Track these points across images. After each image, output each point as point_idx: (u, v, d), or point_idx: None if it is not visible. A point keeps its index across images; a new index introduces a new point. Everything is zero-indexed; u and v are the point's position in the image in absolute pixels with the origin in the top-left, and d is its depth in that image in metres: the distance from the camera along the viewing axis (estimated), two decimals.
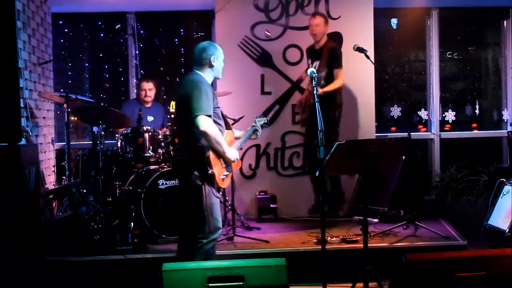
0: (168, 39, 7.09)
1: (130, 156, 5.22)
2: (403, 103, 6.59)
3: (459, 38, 7.23)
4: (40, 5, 5.90)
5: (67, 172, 5.16)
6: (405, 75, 7.32)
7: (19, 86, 3.91)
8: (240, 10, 6.10)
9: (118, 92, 7.10)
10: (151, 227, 4.90)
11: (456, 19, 7.08)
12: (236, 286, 3.12)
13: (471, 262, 3.26)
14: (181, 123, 3.93)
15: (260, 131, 4.31)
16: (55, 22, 6.50)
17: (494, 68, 7.33)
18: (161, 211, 4.93)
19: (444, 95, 7.05)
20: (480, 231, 5.21)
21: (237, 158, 3.94)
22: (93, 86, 7.24)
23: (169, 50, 7.11)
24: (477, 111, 7.23)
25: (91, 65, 7.18)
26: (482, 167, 6.54)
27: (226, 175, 3.90)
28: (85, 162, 5.37)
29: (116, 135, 5.43)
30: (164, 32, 7.02)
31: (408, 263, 3.25)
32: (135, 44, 6.71)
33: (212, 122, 3.73)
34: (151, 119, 5.86)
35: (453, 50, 7.26)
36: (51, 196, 5.26)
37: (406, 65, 7.32)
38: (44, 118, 5.90)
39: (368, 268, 3.75)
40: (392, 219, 5.47)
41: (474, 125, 7.20)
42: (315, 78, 3.92)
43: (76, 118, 5.79)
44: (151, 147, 5.21)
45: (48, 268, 4.36)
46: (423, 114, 6.93)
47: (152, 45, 6.99)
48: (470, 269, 3.22)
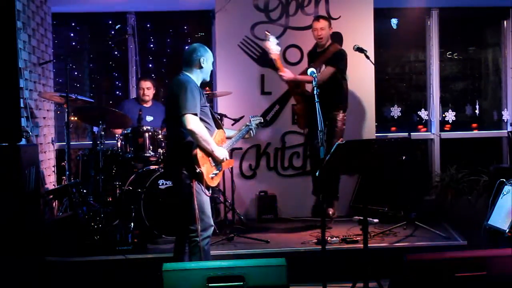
0: (168, 39, 7.08)
1: (130, 156, 5.22)
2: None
3: (459, 38, 7.22)
4: (40, 5, 5.89)
5: (67, 172, 5.16)
6: (405, 75, 7.32)
7: (19, 86, 3.89)
8: (240, 10, 6.10)
9: (118, 92, 7.10)
10: (151, 227, 4.91)
11: (456, 19, 7.07)
12: (236, 286, 3.12)
13: (471, 262, 3.27)
14: (169, 123, 3.97)
15: (254, 130, 4.27)
16: (55, 22, 6.49)
17: (494, 68, 7.32)
18: (161, 211, 4.93)
19: (444, 95, 7.04)
20: (480, 231, 5.21)
21: (226, 157, 3.94)
22: (93, 86, 7.24)
23: (169, 50, 7.10)
24: (477, 111, 7.22)
25: (91, 65, 7.18)
26: (482, 167, 6.54)
27: (215, 174, 3.91)
28: (85, 162, 5.37)
29: (116, 135, 5.43)
30: (164, 32, 7.01)
31: (408, 263, 3.26)
32: (135, 44, 6.71)
33: (198, 120, 3.75)
34: (150, 118, 5.85)
35: (453, 50, 7.24)
36: (51, 196, 5.26)
37: (406, 65, 7.31)
38: (44, 118, 5.89)
39: (368, 268, 3.76)
40: (392, 219, 5.48)
41: (474, 125, 7.19)
42: (315, 78, 3.93)
43: (76, 118, 5.78)
44: (151, 147, 5.21)
45: (48, 268, 4.36)
46: (423, 114, 6.92)
47: (152, 45, 6.98)
48: (470, 269, 3.23)
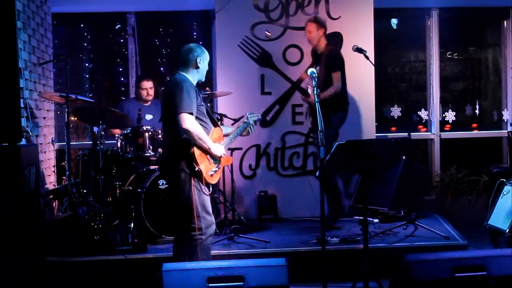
0: (168, 39, 7.08)
1: (130, 156, 5.22)
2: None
3: (459, 38, 7.22)
4: (40, 5, 5.89)
5: (67, 172, 5.15)
6: (405, 75, 7.32)
7: (19, 86, 3.89)
8: (240, 10, 6.10)
9: (118, 92, 7.10)
10: (151, 227, 4.91)
11: (456, 19, 7.07)
12: (236, 286, 3.12)
13: (471, 262, 3.27)
14: (165, 122, 3.96)
15: (252, 127, 4.27)
16: (55, 22, 6.49)
17: (494, 68, 7.32)
18: (161, 211, 4.93)
19: (444, 95, 7.04)
20: (480, 231, 5.21)
21: (223, 153, 3.94)
22: (93, 86, 7.24)
23: (169, 50, 7.10)
24: (477, 111, 7.22)
25: (91, 65, 7.18)
26: (482, 167, 6.55)
27: (215, 171, 3.91)
28: (85, 162, 5.37)
29: (116, 135, 5.43)
30: (164, 32, 7.01)
31: (408, 263, 3.26)
32: (135, 44, 6.70)
33: (194, 119, 3.75)
34: (150, 117, 5.86)
35: (453, 50, 7.24)
36: (51, 196, 5.25)
37: (406, 65, 7.31)
38: (44, 118, 5.89)
39: (368, 268, 3.75)
40: (392, 219, 5.47)
41: (474, 125, 7.19)
42: (315, 78, 3.92)
43: (76, 118, 5.78)
44: (151, 147, 5.21)
45: (48, 268, 4.35)
46: (423, 114, 6.92)
47: (152, 45, 6.98)
48: (470, 269, 3.23)
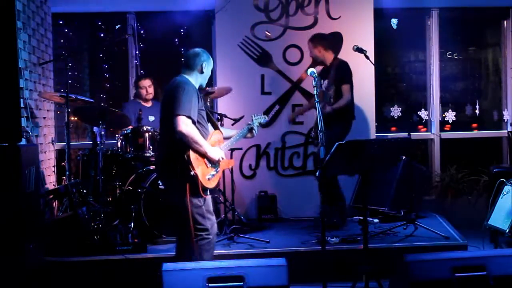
0: (168, 39, 7.07)
1: (130, 156, 5.22)
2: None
3: (459, 38, 7.21)
4: (40, 5, 5.89)
5: (67, 172, 5.15)
6: (405, 75, 7.31)
7: (19, 86, 3.89)
8: (240, 10, 6.11)
9: (118, 92, 7.09)
10: (151, 227, 4.91)
11: (456, 19, 7.06)
12: (236, 286, 3.12)
13: (471, 262, 3.27)
14: (163, 123, 3.87)
15: (256, 130, 4.22)
16: (55, 22, 6.49)
17: (494, 68, 7.32)
18: (161, 211, 4.93)
19: (444, 95, 7.04)
20: (480, 231, 5.22)
21: (222, 157, 3.84)
22: (93, 86, 7.23)
23: (169, 50, 7.10)
24: (477, 111, 7.21)
25: (91, 65, 7.17)
26: (482, 167, 6.55)
27: (213, 175, 3.81)
28: (85, 162, 5.37)
29: (116, 135, 5.43)
30: (164, 32, 7.00)
31: (408, 263, 3.26)
32: (135, 44, 6.70)
33: (190, 123, 3.65)
34: (152, 118, 5.84)
35: (453, 50, 7.24)
36: (51, 196, 5.25)
37: (406, 65, 7.31)
38: (44, 118, 5.89)
39: (368, 268, 3.76)
40: (392, 219, 5.48)
41: (474, 125, 7.18)
42: (316, 78, 3.92)
43: (76, 118, 5.78)
44: (151, 147, 5.21)
45: (48, 268, 4.35)
46: (423, 114, 6.92)
47: (152, 45, 6.97)
48: (470, 269, 3.23)
